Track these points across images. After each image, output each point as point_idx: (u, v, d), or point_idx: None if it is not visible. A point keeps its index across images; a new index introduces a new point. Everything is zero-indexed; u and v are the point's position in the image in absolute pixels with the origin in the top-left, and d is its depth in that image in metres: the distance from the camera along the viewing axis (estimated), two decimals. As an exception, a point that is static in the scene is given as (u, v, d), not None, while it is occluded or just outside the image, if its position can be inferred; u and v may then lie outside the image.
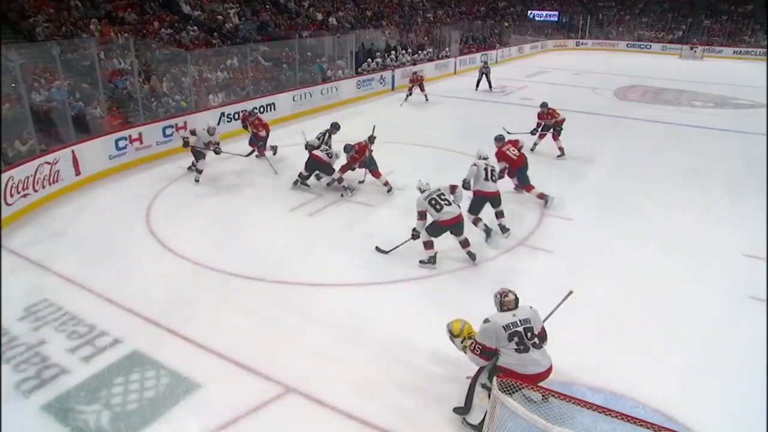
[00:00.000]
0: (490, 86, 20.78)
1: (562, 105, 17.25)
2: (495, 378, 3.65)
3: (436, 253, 7.14)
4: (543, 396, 3.96)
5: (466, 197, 7.55)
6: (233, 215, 8.92)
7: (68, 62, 12.13)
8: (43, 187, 9.35)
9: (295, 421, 4.66)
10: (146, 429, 4.51)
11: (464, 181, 7.63)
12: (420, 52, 24.31)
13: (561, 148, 11.91)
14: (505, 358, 4.22)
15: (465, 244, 7.17)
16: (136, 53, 13.00)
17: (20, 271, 7.11)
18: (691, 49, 35.43)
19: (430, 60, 24.38)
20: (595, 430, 3.93)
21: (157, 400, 4.82)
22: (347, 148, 9.63)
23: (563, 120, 11.83)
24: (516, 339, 4.18)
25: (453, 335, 4.83)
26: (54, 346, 5.55)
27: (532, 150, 11.72)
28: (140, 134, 11.57)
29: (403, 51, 23.22)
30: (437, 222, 6.95)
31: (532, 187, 9.03)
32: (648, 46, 39.05)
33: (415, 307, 6.35)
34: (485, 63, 21.37)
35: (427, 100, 18.30)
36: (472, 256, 7.22)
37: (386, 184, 9.80)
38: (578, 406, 3.31)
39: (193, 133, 10.25)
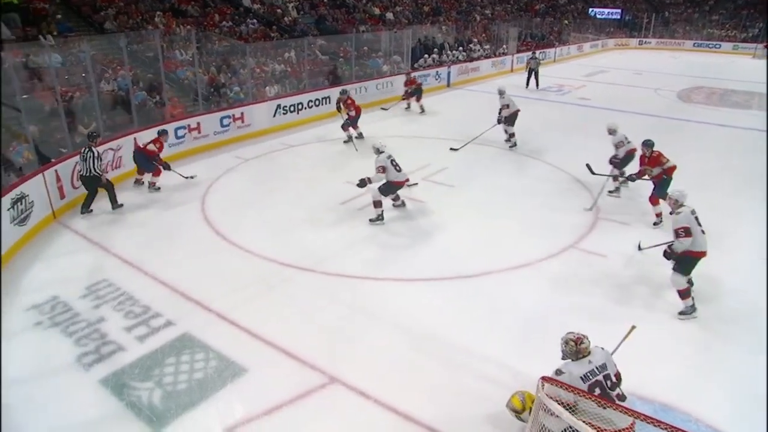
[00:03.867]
0: (537, 84, 20.10)
1: (621, 106, 16.91)
2: (540, 380, 3.57)
3: (383, 210, 8.13)
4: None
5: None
6: (285, 206, 9.07)
7: (134, 53, 12.61)
8: (107, 171, 9.73)
9: (337, 410, 4.71)
10: (194, 409, 4.66)
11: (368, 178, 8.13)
12: (477, 48, 24.01)
13: (658, 214, 8.36)
14: (584, 414, 3.51)
15: (398, 198, 8.55)
16: (197, 45, 13.37)
17: (83, 251, 7.46)
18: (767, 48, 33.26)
19: (487, 57, 24.08)
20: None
21: (205, 382, 4.97)
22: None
23: (673, 169, 8.16)
24: (597, 390, 3.73)
25: (518, 412, 4.37)
26: (112, 324, 5.80)
27: (610, 193, 9.41)
28: (198, 124, 11.93)
29: (460, 47, 23.00)
30: (393, 181, 7.97)
31: (659, 202, 8.17)
32: (717, 46, 37.10)
33: (460, 305, 6.30)
34: (534, 58, 20.34)
35: (422, 111, 16.07)
36: (403, 203, 8.63)
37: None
38: (626, 414, 3.20)
39: None
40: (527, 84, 20.18)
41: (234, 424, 4.52)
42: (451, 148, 11.42)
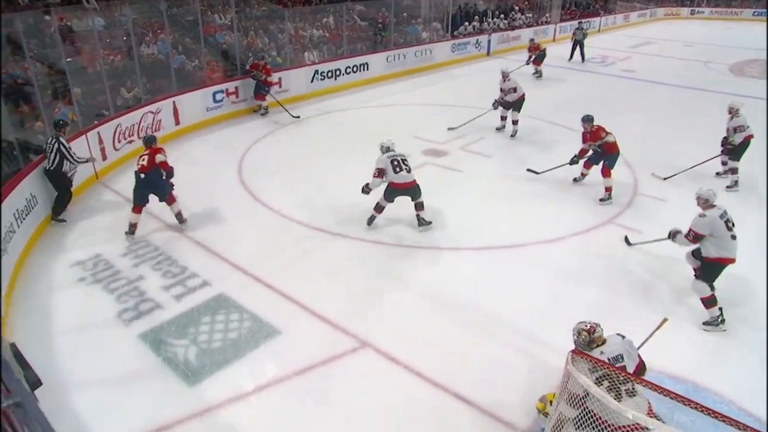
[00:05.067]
0: (583, 57, 19.22)
1: (666, 79, 16.31)
2: (569, 353, 3.54)
3: (375, 217, 7.11)
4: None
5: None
6: (321, 172, 9.11)
7: (173, 17, 12.66)
8: (147, 134, 9.92)
9: (367, 374, 4.78)
10: (228, 367, 4.79)
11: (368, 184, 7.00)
12: (518, 16, 23.35)
13: (608, 189, 8.04)
14: (594, 403, 3.40)
15: (419, 207, 7.07)
16: (236, 9, 13.35)
17: (123, 212, 7.63)
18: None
19: (529, 26, 23.44)
20: (671, 420, 3.77)
21: (239, 342, 5.09)
22: None
23: (612, 145, 7.91)
24: (606, 383, 3.44)
25: (545, 413, 4.16)
26: (150, 283, 5.97)
27: (575, 180, 8.72)
28: (236, 88, 12.02)
29: (501, 15, 22.42)
30: (392, 184, 6.86)
31: (610, 175, 7.96)
32: (781, 15, 35.04)
33: (491, 274, 6.28)
34: (580, 28, 19.36)
35: (540, 76, 16.45)
36: (422, 222, 7.12)
37: None
38: (656, 392, 3.13)
39: None
40: (571, 56, 19.47)
41: (266, 383, 4.63)
42: (449, 128, 11.09)
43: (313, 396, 4.51)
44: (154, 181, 6.78)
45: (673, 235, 5.67)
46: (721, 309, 5.39)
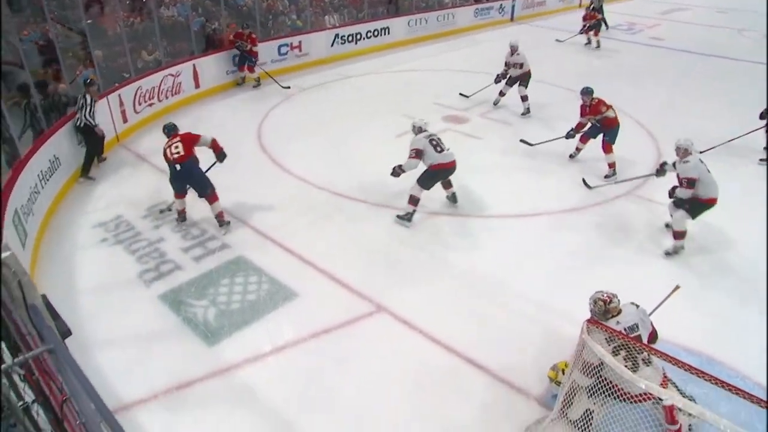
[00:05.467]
0: (606, 24, 17.81)
1: (697, 48, 15.77)
2: (585, 323, 3.54)
3: (414, 210, 6.49)
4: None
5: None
6: (341, 136, 9.08)
7: (194, -22, 12.52)
8: (167, 97, 9.97)
9: (382, 338, 4.84)
10: (246, 328, 4.88)
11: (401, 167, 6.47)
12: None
13: (611, 165, 7.80)
14: (610, 372, 3.45)
15: (449, 184, 6.76)
16: (257, -30, 13.15)
17: (144, 174, 7.74)
18: None
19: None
20: (684, 392, 3.76)
21: (257, 304, 5.17)
22: None
23: (613, 120, 7.63)
24: (623, 352, 3.51)
25: (557, 382, 4.18)
26: (170, 244, 6.06)
27: (571, 157, 8.30)
28: (256, 51, 11.87)
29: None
30: (434, 166, 6.25)
31: (612, 150, 7.72)
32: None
33: (508, 243, 6.26)
34: None
35: (598, 46, 15.58)
36: (454, 198, 6.87)
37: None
38: (671, 363, 3.12)
39: None
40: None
41: (283, 344, 4.71)
42: (460, 93, 10.92)
43: (328, 358, 4.57)
44: (193, 171, 6.10)
45: (660, 171, 6.20)
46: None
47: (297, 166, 7.87)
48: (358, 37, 14.33)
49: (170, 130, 6.30)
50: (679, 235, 5.93)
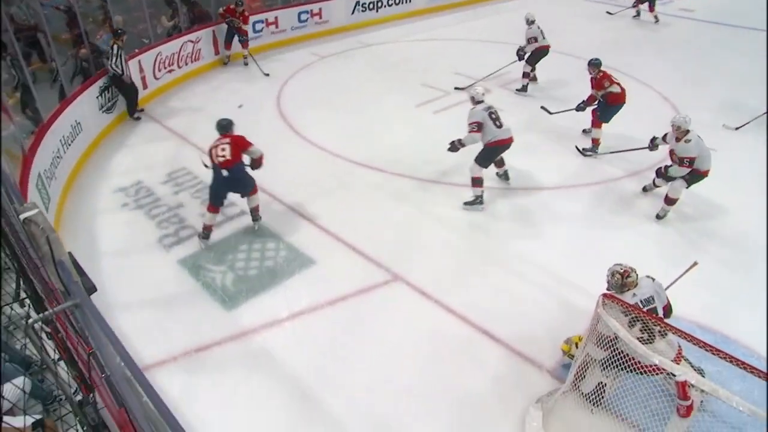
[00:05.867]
0: None
1: (731, 19, 15.18)
2: (601, 296, 3.53)
3: (483, 192, 6.21)
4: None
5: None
6: (360, 105, 9.02)
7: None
8: (186, 64, 9.96)
9: (398, 306, 4.88)
10: (263, 293, 4.95)
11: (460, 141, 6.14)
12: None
13: (595, 141, 7.50)
14: (623, 344, 3.44)
15: (502, 162, 6.52)
16: (277, -65, 12.96)
17: (163, 140, 7.79)
18: None
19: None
20: (698, 368, 3.76)
21: (274, 270, 5.24)
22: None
23: (618, 96, 7.28)
24: (639, 325, 3.52)
25: (570, 354, 4.20)
26: (189, 210, 6.14)
27: (584, 131, 7.95)
28: (276, 18, 11.83)
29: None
30: (492, 142, 5.92)
31: (600, 126, 7.46)
32: None
33: (532, 215, 6.23)
34: None
35: (656, 21, 14.63)
36: (506, 176, 6.66)
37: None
38: (686, 340, 3.11)
39: None
40: None
41: (299, 311, 4.78)
42: (456, 87, 9.71)
43: (344, 326, 4.64)
44: (240, 175, 5.44)
45: (652, 146, 6.35)
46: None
47: (316, 135, 7.87)
48: (380, 4, 14.10)
49: (222, 129, 5.47)
50: (671, 202, 6.02)
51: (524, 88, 9.66)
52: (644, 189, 6.56)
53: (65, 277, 1.91)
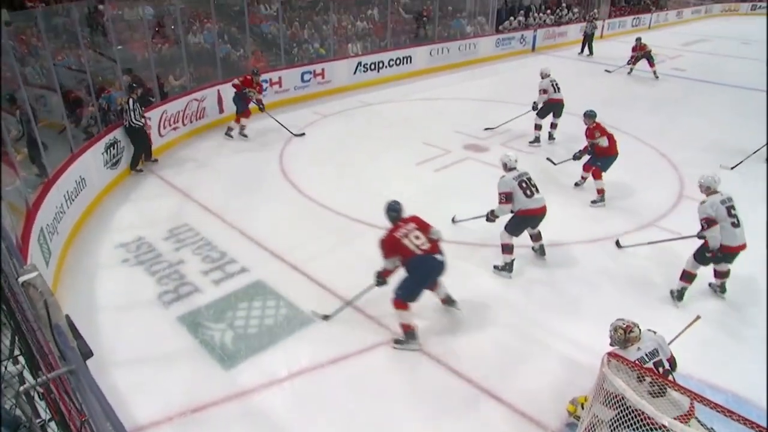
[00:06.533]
0: (591, 50, 19.26)
1: (720, 78, 15.69)
2: (605, 355, 3.47)
3: (513, 259, 6.05)
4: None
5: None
6: (361, 163, 9.15)
7: (220, 7, 12.82)
8: (191, 121, 10.17)
9: (401, 366, 4.79)
10: (262, 353, 4.86)
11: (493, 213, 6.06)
12: (565, 12, 22.80)
13: (600, 191, 7.71)
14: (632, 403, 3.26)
15: (539, 237, 6.27)
16: (281, 0, 13.48)
17: (167, 196, 7.85)
18: None
19: (576, 21, 22.87)
20: (709, 427, 3.65)
21: (274, 328, 5.16)
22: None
23: (606, 149, 7.60)
24: (648, 378, 3.40)
25: (576, 416, 4.11)
26: (190, 267, 6.10)
27: (576, 185, 8.29)
28: (280, 78, 12.15)
29: (548, 10, 21.94)
30: (522, 211, 5.79)
31: (601, 177, 7.65)
32: None
33: (534, 273, 6.19)
34: (591, 22, 19.55)
35: (656, 77, 15.79)
36: (542, 251, 6.35)
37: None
38: (696, 400, 3.03)
39: None
40: (581, 50, 19.58)
41: (299, 370, 4.68)
42: (486, 128, 10.66)
43: (345, 384, 4.53)
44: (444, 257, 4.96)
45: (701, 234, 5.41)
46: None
47: (317, 191, 7.93)
48: (381, 65, 14.54)
49: (398, 214, 5.11)
50: (687, 278, 5.59)
51: (536, 140, 10.03)
52: (710, 285, 5.87)
53: (61, 341, 1.89)
